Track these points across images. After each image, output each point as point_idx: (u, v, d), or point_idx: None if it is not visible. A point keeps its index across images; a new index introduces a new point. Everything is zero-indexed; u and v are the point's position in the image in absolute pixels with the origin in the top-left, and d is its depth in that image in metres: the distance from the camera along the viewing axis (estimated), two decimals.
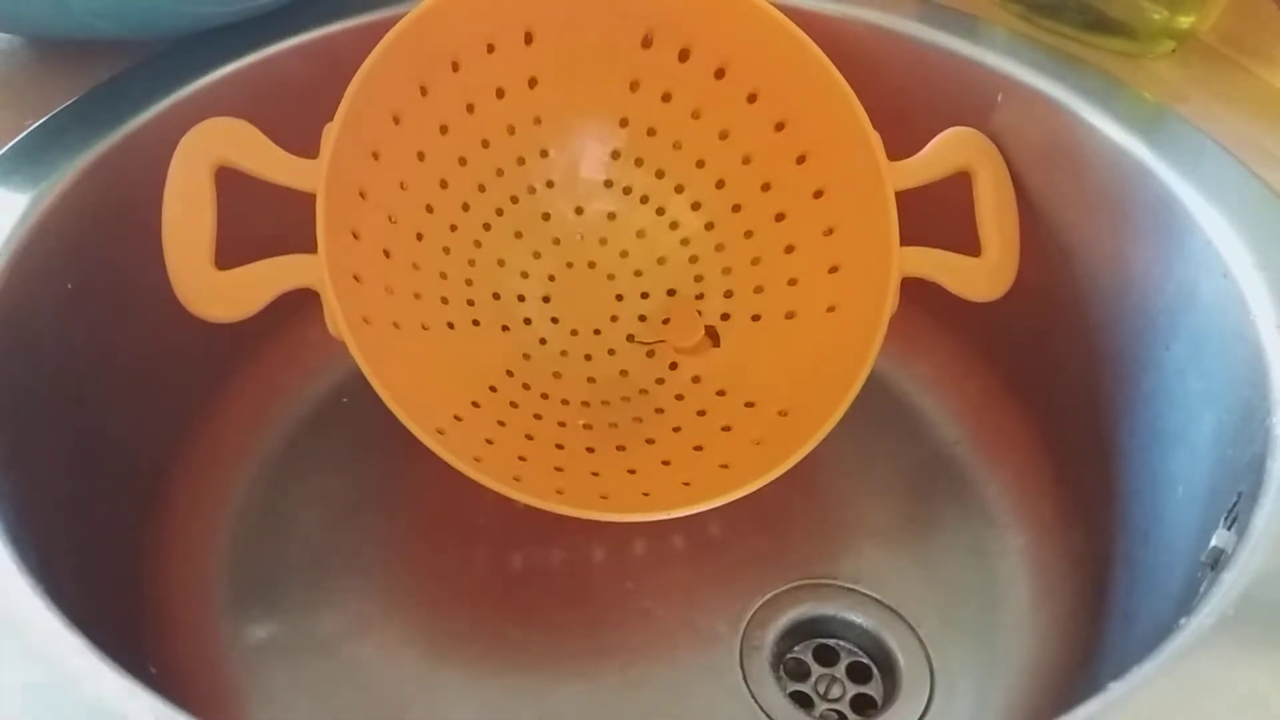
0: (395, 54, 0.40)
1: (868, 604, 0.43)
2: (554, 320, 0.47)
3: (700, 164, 0.48)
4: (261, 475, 0.46)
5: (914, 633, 0.42)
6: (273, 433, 0.48)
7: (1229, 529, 0.31)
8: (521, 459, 0.42)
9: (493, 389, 0.44)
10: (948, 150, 0.44)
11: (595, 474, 0.43)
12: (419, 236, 0.44)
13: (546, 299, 0.48)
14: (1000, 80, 0.45)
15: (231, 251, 0.37)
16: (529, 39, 0.45)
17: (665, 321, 0.48)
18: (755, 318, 0.47)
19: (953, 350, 0.51)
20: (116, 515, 0.40)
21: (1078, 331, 0.44)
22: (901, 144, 0.43)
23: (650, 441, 0.45)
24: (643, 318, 0.48)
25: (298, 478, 0.47)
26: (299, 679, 0.40)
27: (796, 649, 0.42)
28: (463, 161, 0.45)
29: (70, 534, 0.35)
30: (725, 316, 0.47)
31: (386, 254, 0.42)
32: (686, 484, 0.41)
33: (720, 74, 0.46)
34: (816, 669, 0.42)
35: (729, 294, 0.47)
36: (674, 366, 0.47)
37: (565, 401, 0.46)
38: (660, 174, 0.48)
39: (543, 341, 0.47)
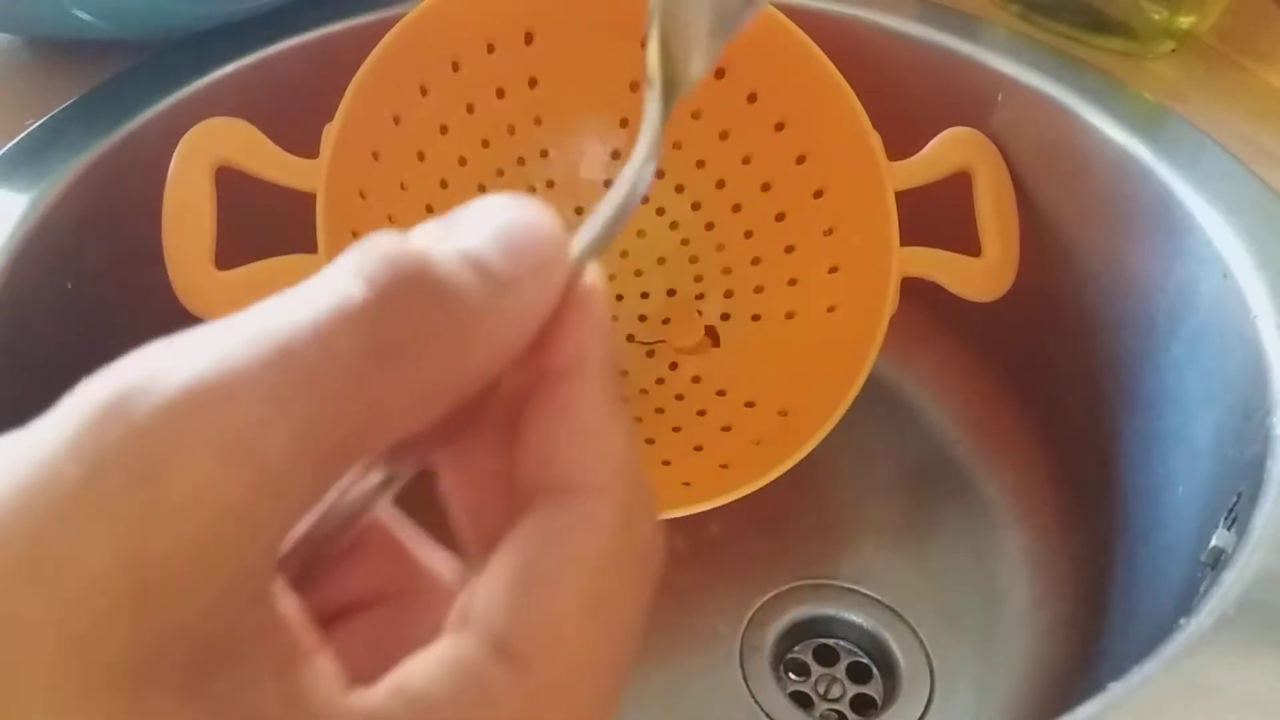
0: (395, 54, 0.40)
1: (868, 604, 0.43)
2: None
3: (700, 164, 0.48)
4: None
5: (914, 633, 0.42)
6: None
7: (1229, 529, 0.31)
8: None
9: None
10: (947, 150, 0.44)
11: None
12: None
13: None
14: (1000, 80, 0.45)
15: (231, 251, 0.37)
16: (529, 39, 0.45)
17: (665, 321, 0.48)
18: (755, 318, 0.47)
19: (953, 350, 0.51)
20: None
21: (1078, 331, 0.44)
22: (901, 144, 0.43)
23: (650, 441, 0.45)
24: (643, 318, 0.48)
25: None
26: None
27: (796, 649, 0.42)
28: (463, 161, 0.45)
29: None
30: (725, 316, 0.47)
31: None
32: (686, 484, 0.41)
33: (720, 74, 0.46)
34: (816, 669, 0.42)
35: (729, 294, 0.47)
36: (674, 366, 0.47)
37: None
38: (660, 174, 0.48)
39: None
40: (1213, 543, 0.31)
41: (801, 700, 0.40)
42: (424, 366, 0.14)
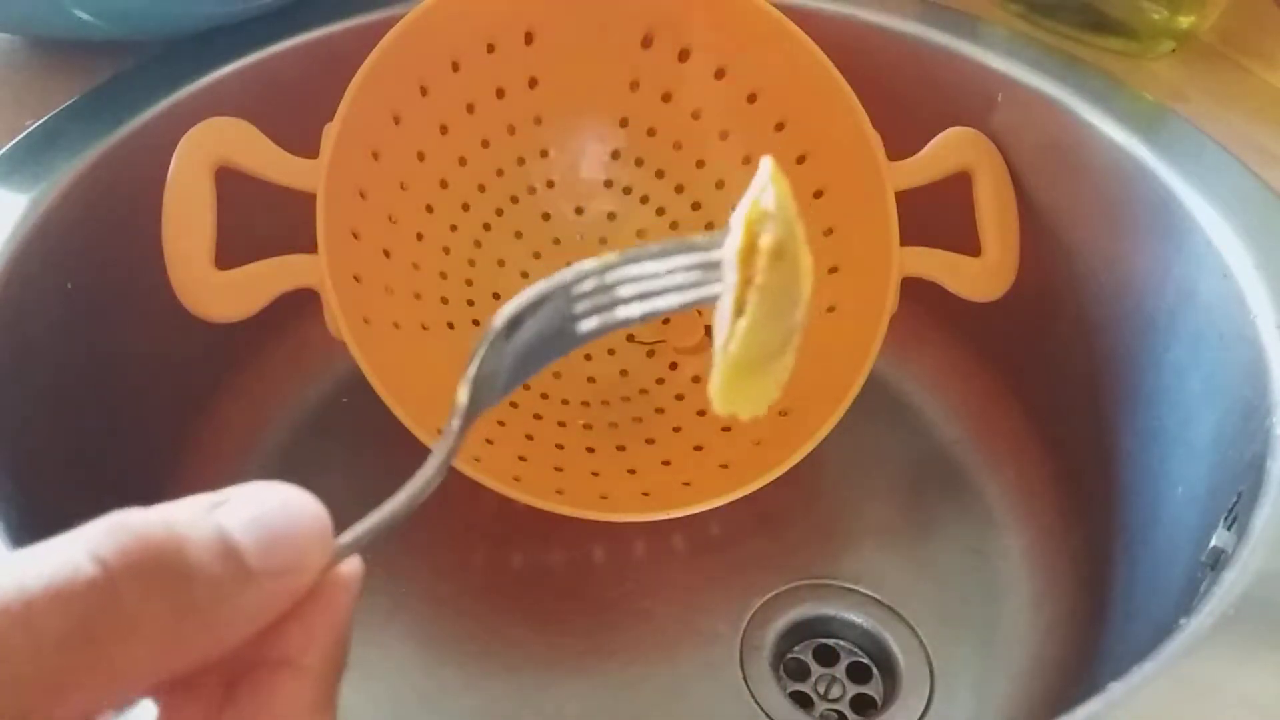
0: (395, 54, 0.40)
1: (868, 604, 0.43)
2: None
3: (700, 164, 0.48)
4: (262, 475, 0.46)
5: (914, 633, 0.42)
6: (273, 433, 0.48)
7: (1229, 529, 0.31)
8: (521, 459, 0.42)
9: None
10: (947, 150, 0.44)
11: (595, 474, 0.43)
12: (419, 236, 0.44)
13: None
14: (1000, 80, 0.45)
15: (231, 251, 0.37)
16: (529, 39, 0.45)
17: (665, 321, 0.48)
18: None
19: (953, 350, 0.51)
20: None
21: (1078, 331, 0.44)
22: (901, 144, 0.43)
23: (650, 441, 0.45)
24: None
25: (298, 478, 0.46)
26: None
27: (796, 649, 0.42)
28: (463, 161, 0.45)
29: None
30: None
31: (386, 254, 0.42)
32: (686, 484, 0.41)
33: (720, 74, 0.46)
34: (816, 669, 0.42)
35: None
36: (674, 366, 0.47)
37: (565, 401, 0.46)
38: (660, 174, 0.48)
39: None
40: (1213, 543, 0.31)
41: (801, 700, 0.40)
42: (132, 653, 0.14)
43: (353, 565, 0.17)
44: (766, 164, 0.20)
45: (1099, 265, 0.43)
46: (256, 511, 0.16)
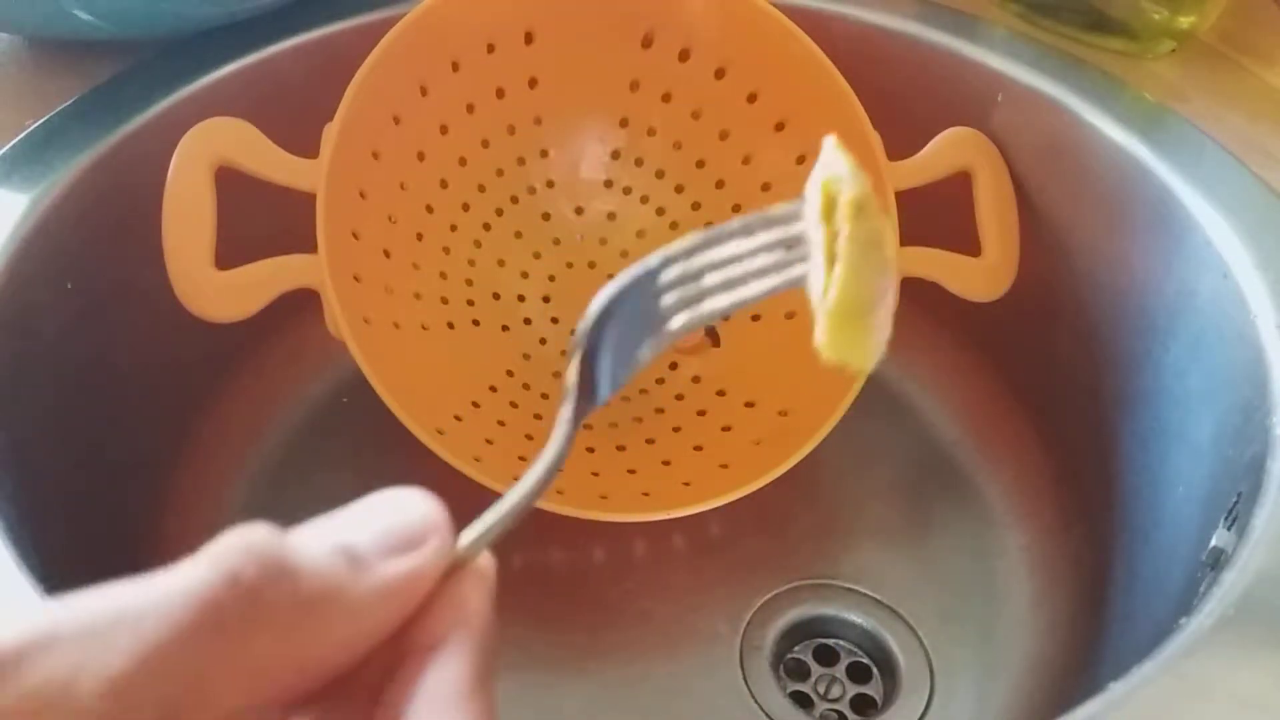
0: (395, 54, 0.40)
1: (868, 604, 0.43)
2: (554, 320, 0.47)
3: (700, 164, 0.48)
4: (262, 475, 0.46)
5: (914, 633, 0.42)
6: (273, 432, 0.48)
7: (1229, 529, 0.31)
8: (521, 459, 0.42)
9: (493, 389, 0.44)
10: (947, 150, 0.44)
11: (595, 474, 0.43)
12: (419, 236, 0.44)
13: (546, 299, 0.48)
14: (1000, 80, 0.45)
15: (231, 251, 0.37)
16: (529, 39, 0.45)
17: None
18: (755, 318, 0.47)
19: (953, 350, 0.51)
20: (118, 514, 0.40)
21: (1078, 331, 0.44)
22: (901, 144, 0.43)
23: (650, 441, 0.45)
24: None
25: (298, 477, 0.47)
26: None
27: (796, 649, 0.42)
28: (463, 161, 0.45)
29: (72, 533, 0.35)
30: (725, 317, 0.47)
31: (386, 254, 0.42)
32: (686, 484, 0.41)
33: (720, 74, 0.46)
34: (816, 669, 0.42)
35: None
36: (674, 366, 0.47)
37: None
38: (660, 174, 0.48)
39: (543, 341, 0.47)
40: (1213, 543, 0.31)
41: (801, 700, 0.40)
42: (264, 645, 0.14)
43: (486, 557, 0.18)
44: (830, 140, 0.21)
45: (1099, 265, 0.43)
46: (361, 510, 0.17)
